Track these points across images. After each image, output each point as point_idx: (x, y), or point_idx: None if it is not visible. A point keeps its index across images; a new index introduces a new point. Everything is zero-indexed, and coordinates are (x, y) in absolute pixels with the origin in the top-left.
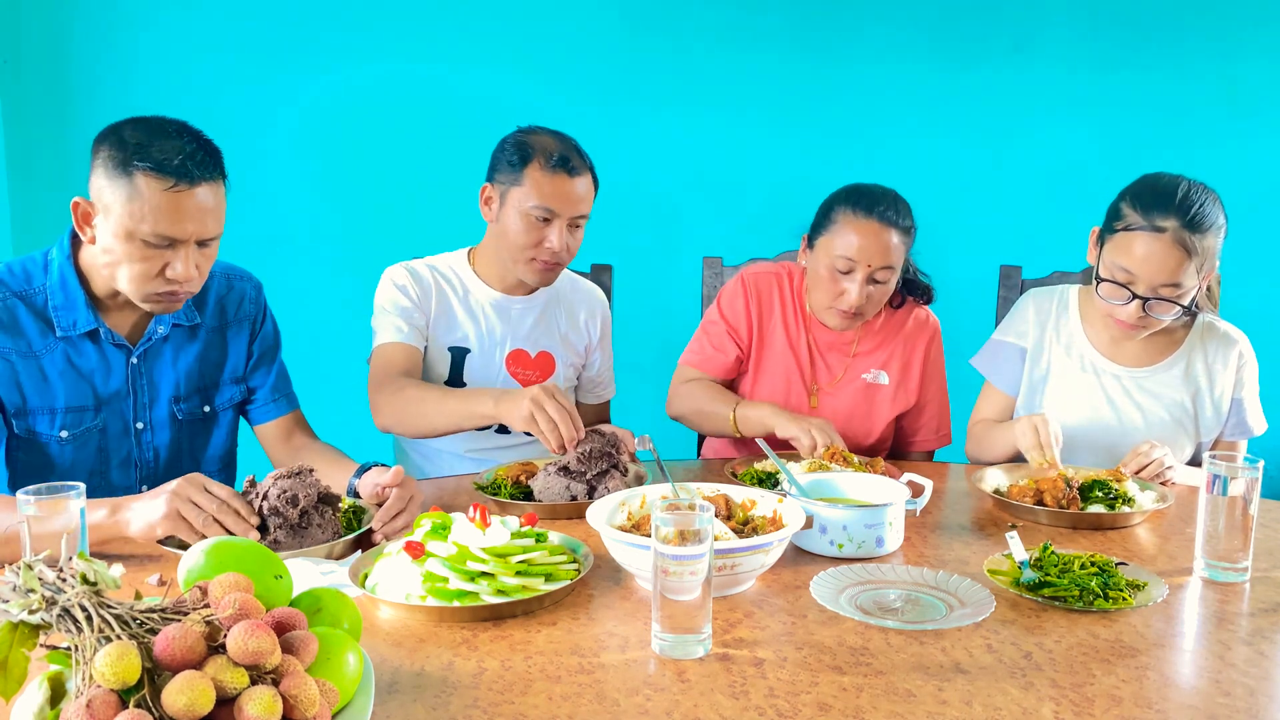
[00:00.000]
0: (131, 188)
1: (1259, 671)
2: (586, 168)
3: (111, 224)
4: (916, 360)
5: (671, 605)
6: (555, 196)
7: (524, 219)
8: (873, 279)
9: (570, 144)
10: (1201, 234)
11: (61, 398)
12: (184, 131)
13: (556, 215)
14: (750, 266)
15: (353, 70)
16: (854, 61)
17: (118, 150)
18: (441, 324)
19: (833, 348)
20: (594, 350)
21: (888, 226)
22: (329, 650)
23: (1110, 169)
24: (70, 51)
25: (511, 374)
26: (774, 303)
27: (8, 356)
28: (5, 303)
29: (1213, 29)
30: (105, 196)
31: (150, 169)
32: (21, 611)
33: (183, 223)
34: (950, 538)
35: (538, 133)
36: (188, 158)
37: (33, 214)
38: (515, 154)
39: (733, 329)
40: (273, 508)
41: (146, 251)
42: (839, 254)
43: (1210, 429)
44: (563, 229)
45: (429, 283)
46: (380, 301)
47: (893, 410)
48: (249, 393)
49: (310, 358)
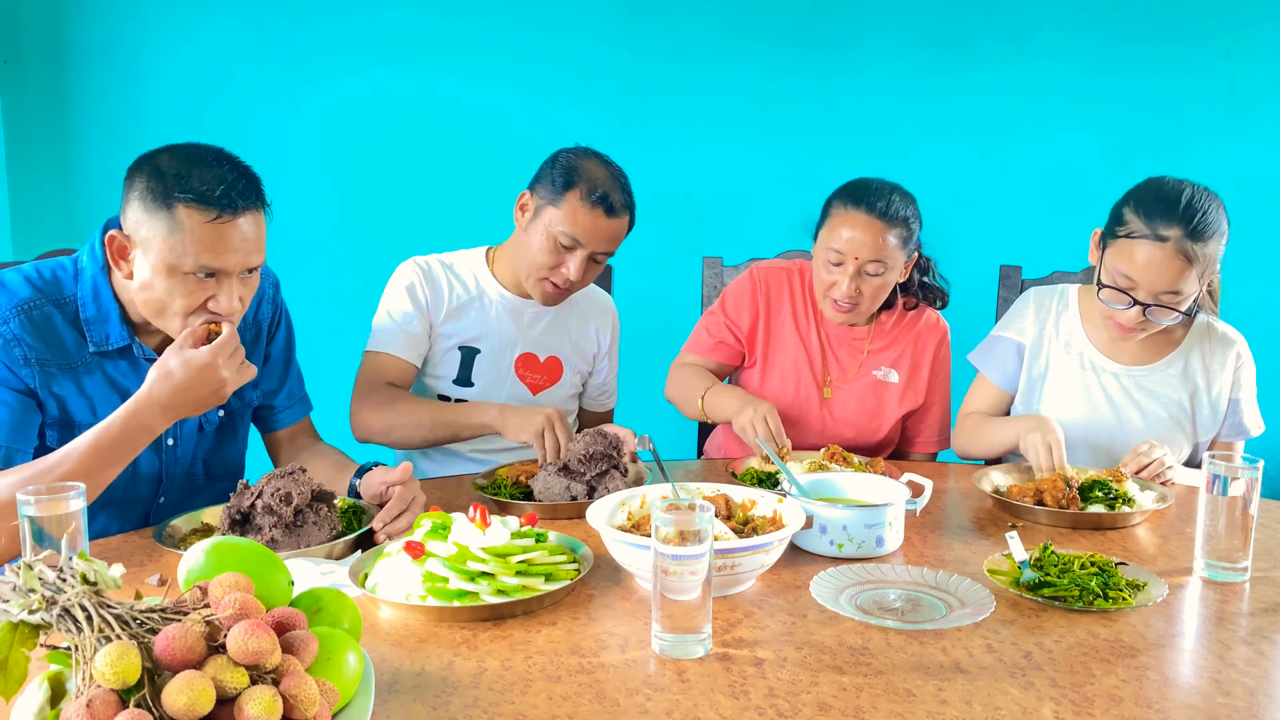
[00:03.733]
0: (172, 220)
1: (1259, 671)
2: (627, 209)
3: (151, 259)
4: (926, 361)
5: (671, 605)
6: (587, 230)
7: (549, 239)
8: (864, 271)
9: (619, 181)
10: (1204, 242)
11: (100, 414)
12: (223, 159)
13: (582, 246)
14: (760, 263)
15: (357, 76)
16: (854, 61)
17: (156, 181)
18: (451, 323)
19: (845, 344)
20: (601, 359)
21: (877, 219)
22: (329, 650)
23: (1110, 168)
24: (70, 51)
25: (520, 377)
26: (784, 298)
27: (46, 366)
28: (42, 310)
29: (1213, 29)
30: (143, 230)
31: (192, 200)
32: (21, 611)
33: (227, 255)
34: (950, 538)
35: (591, 159)
36: (229, 187)
37: (33, 214)
38: (562, 175)
39: (731, 322)
40: (266, 506)
41: (189, 285)
42: (830, 246)
43: (1207, 429)
44: (583, 261)
45: (441, 282)
46: (387, 300)
47: (901, 409)
48: (265, 397)
49: (315, 360)
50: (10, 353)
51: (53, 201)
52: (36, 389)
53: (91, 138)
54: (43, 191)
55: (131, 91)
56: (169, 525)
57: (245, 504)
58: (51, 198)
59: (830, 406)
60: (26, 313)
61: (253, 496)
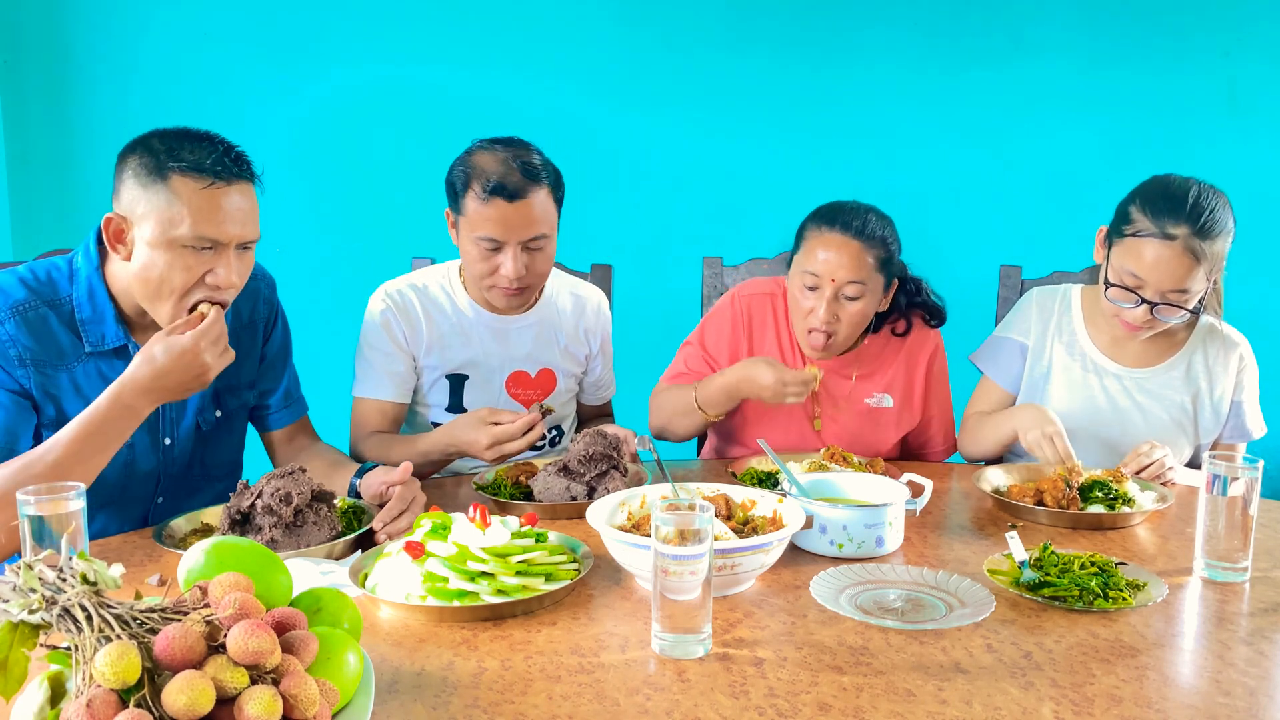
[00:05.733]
0: (168, 192)
1: (1259, 671)
2: (534, 184)
3: (149, 233)
4: (919, 379)
5: (671, 605)
6: (496, 224)
7: (475, 247)
8: (842, 295)
9: (512, 161)
10: (1211, 240)
11: None
12: (211, 136)
13: (503, 241)
14: (743, 286)
15: (352, 71)
16: (854, 61)
17: (149, 158)
18: (435, 352)
19: (831, 372)
20: (595, 358)
21: (854, 238)
22: (329, 650)
23: (1110, 168)
24: (70, 51)
25: (513, 395)
26: (767, 325)
27: (41, 367)
28: (37, 311)
29: (1213, 29)
30: (139, 207)
31: (187, 169)
32: (21, 611)
33: (223, 223)
34: (950, 538)
35: (479, 152)
36: (222, 155)
37: (33, 214)
38: (458, 179)
39: (710, 357)
40: (266, 506)
41: (188, 258)
42: (806, 269)
43: (1209, 431)
44: (516, 254)
45: (417, 313)
46: (365, 340)
47: (898, 431)
48: (261, 397)
49: (310, 359)
50: (5, 353)
51: (52, 201)
52: (32, 390)
53: (91, 138)
54: (42, 191)
55: (131, 92)
56: (169, 525)
57: (245, 504)
58: (51, 198)
59: (823, 438)
60: (22, 313)
61: (253, 496)
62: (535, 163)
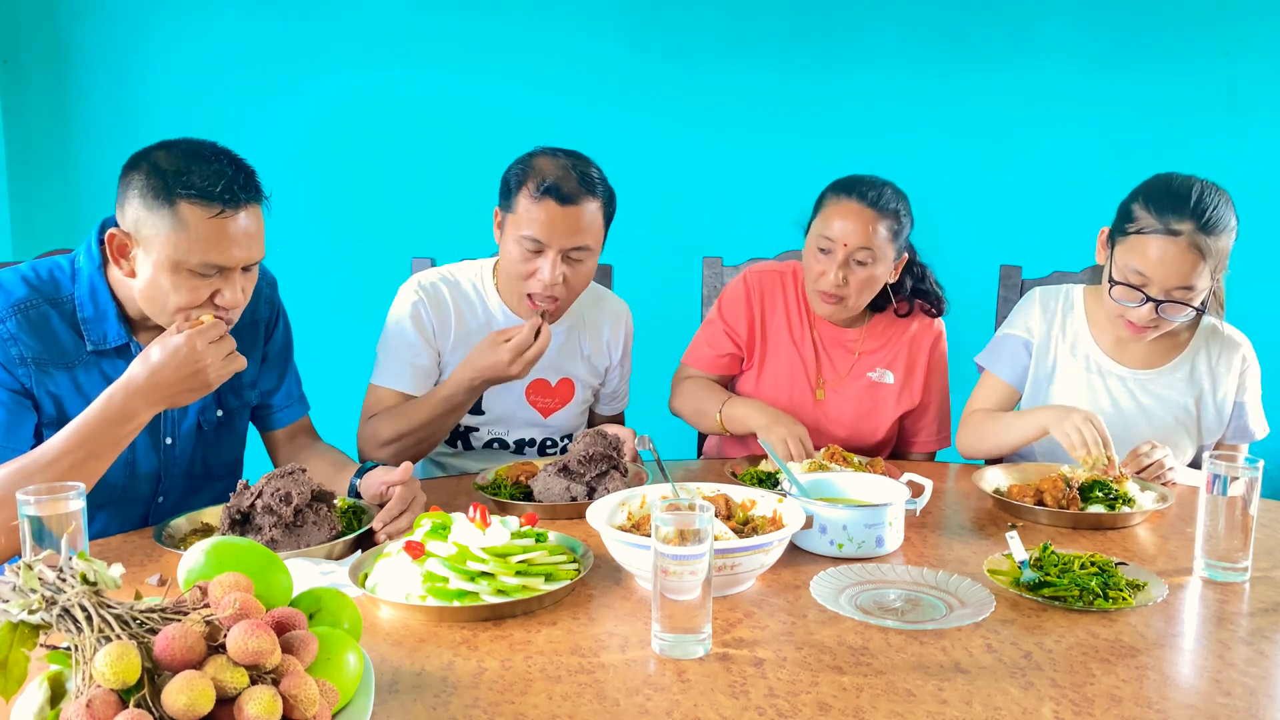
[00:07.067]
0: (175, 217)
1: (1259, 671)
2: (587, 194)
3: (154, 256)
4: (921, 361)
5: (671, 605)
6: (543, 226)
7: (518, 247)
8: (853, 260)
9: (572, 169)
10: (1215, 236)
11: None
12: (219, 154)
13: (546, 245)
14: (754, 266)
15: (353, 73)
16: (854, 61)
17: (155, 178)
18: (461, 350)
19: (837, 345)
20: (614, 370)
21: (868, 208)
22: (329, 650)
23: (1110, 168)
24: (70, 51)
25: (531, 403)
26: (777, 300)
27: (42, 366)
28: (39, 309)
29: (1213, 29)
30: (145, 229)
31: (195, 197)
32: (21, 611)
33: (230, 250)
34: (950, 538)
35: (541, 154)
36: (230, 181)
37: (33, 214)
38: (514, 177)
39: (730, 328)
40: (266, 506)
41: (193, 282)
42: (821, 234)
43: (1212, 432)
44: (556, 261)
45: (448, 308)
46: (391, 327)
47: (897, 409)
48: (262, 396)
49: (312, 358)
50: (6, 352)
51: (53, 201)
52: (32, 388)
53: (91, 138)
54: (43, 191)
55: (131, 91)
56: (169, 525)
57: (245, 504)
58: (51, 198)
59: (824, 409)
60: (23, 312)
61: (253, 496)
62: (593, 175)
